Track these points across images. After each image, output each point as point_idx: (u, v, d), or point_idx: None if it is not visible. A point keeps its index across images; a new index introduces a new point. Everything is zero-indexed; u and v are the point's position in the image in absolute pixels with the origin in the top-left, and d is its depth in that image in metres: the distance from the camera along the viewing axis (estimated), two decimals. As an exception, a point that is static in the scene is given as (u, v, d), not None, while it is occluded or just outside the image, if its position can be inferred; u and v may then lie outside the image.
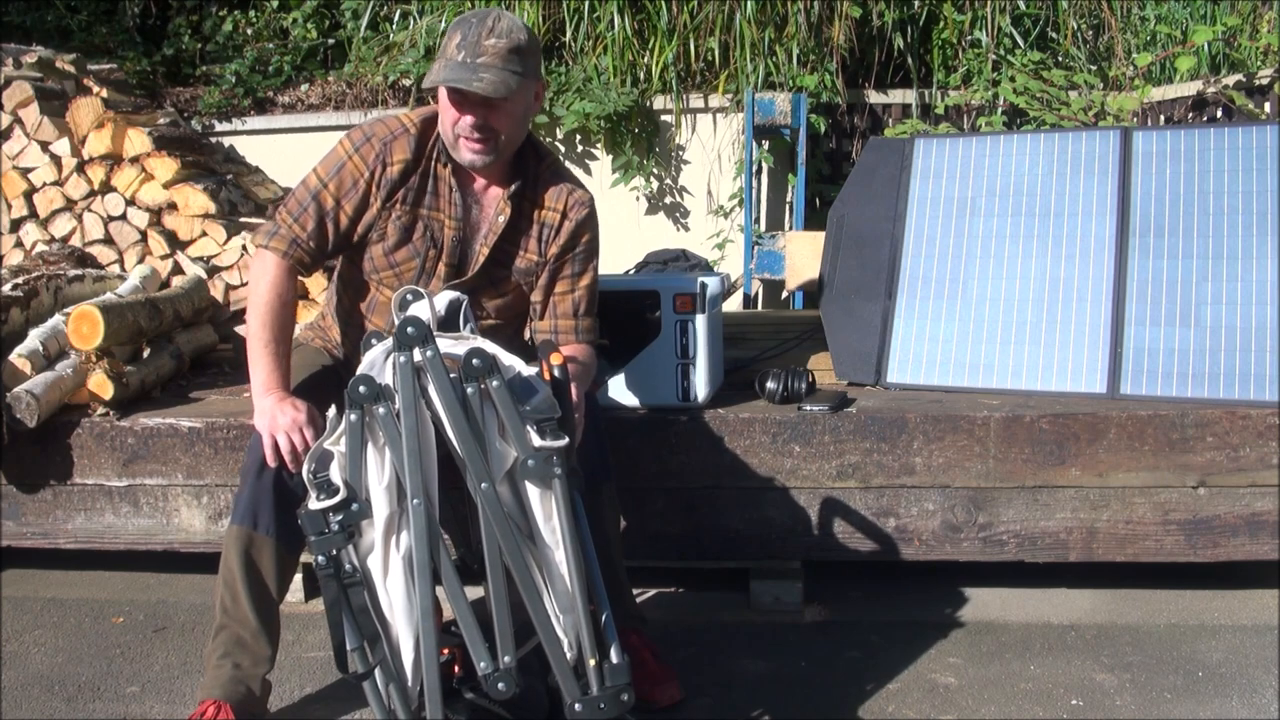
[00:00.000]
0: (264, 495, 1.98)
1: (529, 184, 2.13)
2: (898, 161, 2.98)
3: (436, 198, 2.10)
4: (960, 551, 2.54)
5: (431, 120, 2.08)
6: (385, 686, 1.71)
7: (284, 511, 1.96)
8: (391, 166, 2.06)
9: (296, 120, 4.98)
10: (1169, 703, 2.12)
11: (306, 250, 2.07)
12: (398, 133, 2.07)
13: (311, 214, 2.07)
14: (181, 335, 3.08)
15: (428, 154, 2.08)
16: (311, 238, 2.07)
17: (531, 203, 2.13)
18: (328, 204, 2.08)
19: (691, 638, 2.45)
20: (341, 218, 2.08)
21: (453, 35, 1.94)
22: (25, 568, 2.88)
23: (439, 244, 2.11)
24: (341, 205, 2.08)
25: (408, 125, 2.08)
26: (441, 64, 1.93)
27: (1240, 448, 2.44)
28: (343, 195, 2.07)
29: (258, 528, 1.98)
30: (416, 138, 2.07)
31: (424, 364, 1.65)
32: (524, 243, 2.14)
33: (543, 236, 2.14)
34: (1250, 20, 4.67)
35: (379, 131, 2.08)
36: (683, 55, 4.86)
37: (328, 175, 2.08)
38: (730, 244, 4.82)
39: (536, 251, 2.15)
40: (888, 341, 2.80)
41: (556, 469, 1.66)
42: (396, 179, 2.07)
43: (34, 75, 3.64)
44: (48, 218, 3.56)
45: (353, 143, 2.08)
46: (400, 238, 2.10)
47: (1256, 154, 2.67)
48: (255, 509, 1.98)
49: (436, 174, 2.09)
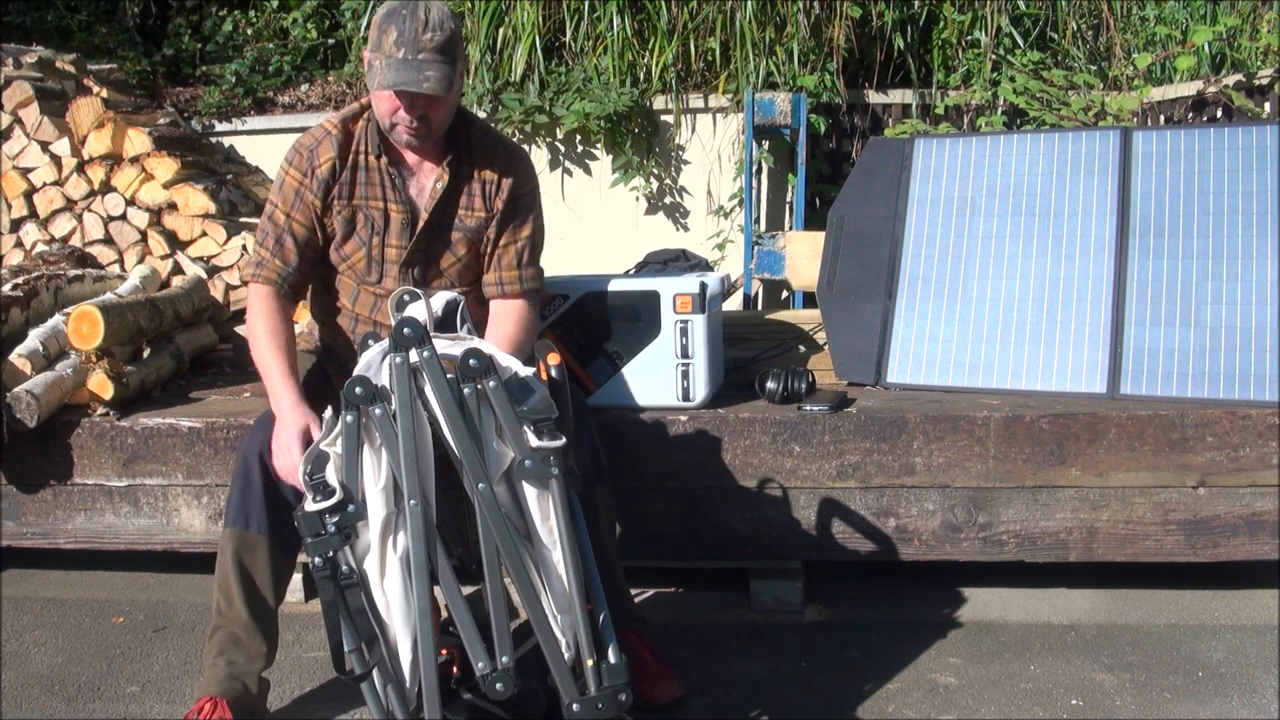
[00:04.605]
0: (255, 496, 2.01)
1: (463, 150, 2.21)
2: (898, 161, 2.98)
3: (370, 187, 2.18)
4: (960, 551, 2.54)
5: (352, 118, 2.19)
6: (383, 687, 1.71)
7: (276, 511, 2.00)
8: (320, 168, 2.16)
9: (296, 120, 4.96)
10: (1169, 703, 2.12)
11: (278, 271, 2.16)
12: (321, 138, 2.18)
13: (272, 234, 2.18)
14: (181, 335, 3.08)
15: (354, 149, 2.18)
16: (277, 255, 2.17)
17: (469, 165, 2.21)
18: (281, 221, 2.18)
19: (691, 638, 2.45)
20: (296, 229, 2.17)
21: (386, 31, 2.00)
22: (25, 568, 2.89)
23: (382, 231, 2.19)
24: (292, 217, 2.17)
25: (329, 129, 2.18)
26: (383, 63, 2.00)
27: (1240, 448, 2.43)
28: (290, 208, 2.17)
29: (250, 528, 2.01)
30: (339, 138, 2.16)
31: (421, 365, 1.65)
32: (469, 202, 2.22)
33: (486, 193, 2.22)
34: (1250, 20, 4.66)
35: (305, 141, 2.19)
36: (683, 55, 4.86)
37: (276, 196, 2.20)
38: (730, 244, 4.81)
39: (483, 208, 2.22)
40: (887, 341, 2.80)
41: (554, 469, 1.66)
42: (327, 176, 2.16)
43: (34, 75, 3.65)
44: (48, 218, 3.56)
45: (286, 160, 2.20)
46: (344, 231, 2.19)
47: (1256, 154, 2.66)
48: (247, 510, 2.02)
49: (368, 165, 2.18)
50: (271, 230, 2.18)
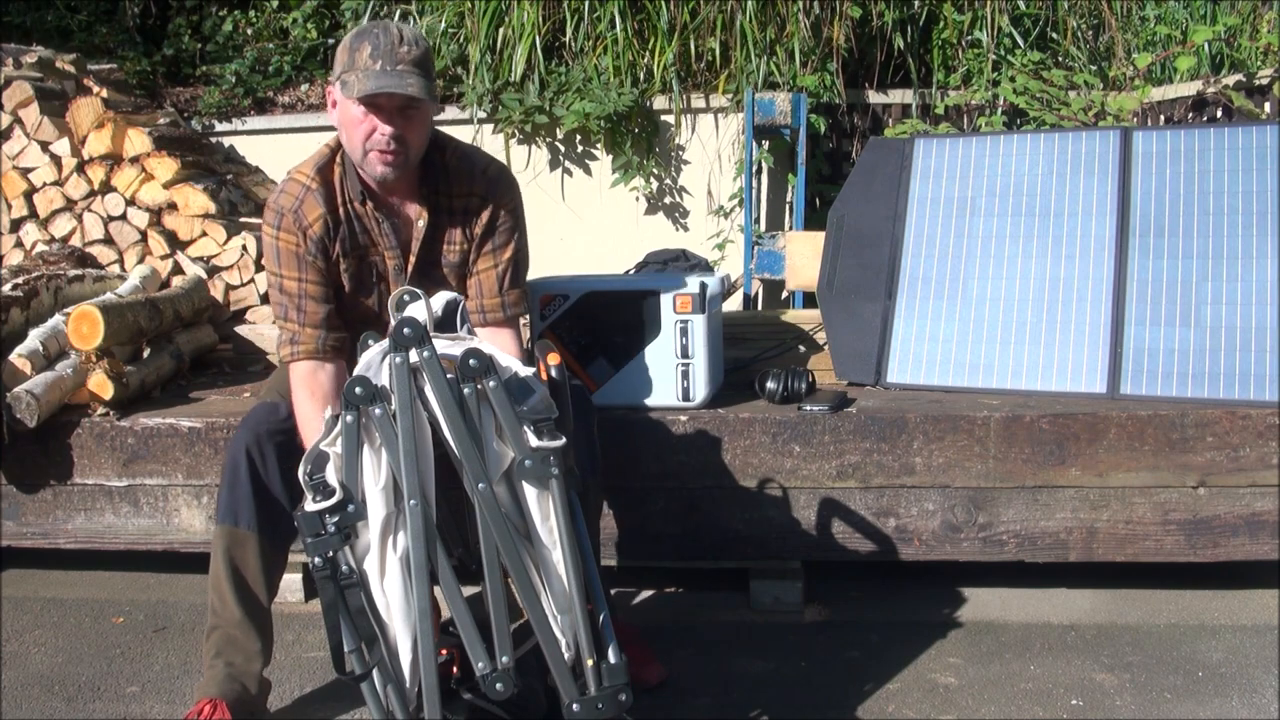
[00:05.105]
0: (243, 492, 2.02)
1: (440, 178, 2.14)
2: (898, 161, 2.98)
3: (368, 234, 2.12)
4: (960, 551, 2.54)
5: (326, 166, 2.10)
6: (383, 687, 1.71)
7: (264, 507, 2.01)
8: (312, 228, 2.07)
9: (296, 120, 4.95)
10: (1169, 703, 2.12)
11: (315, 339, 2.08)
12: (300, 195, 2.08)
13: (291, 304, 2.09)
14: (181, 335, 3.08)
15: (340, 201, 2.10)
16: (306, 324, 2.08)
17: (447, 195, 2.15)
18: (294, 288, 2.09)
19: (691, 638, 2.45)
20: (311, 289, 2.09)
21: (359, 48, 1.93)
22: (25, 568, 2.89)
23: (385, 277, 2.16)
24: (304, 279, 2.09)
25: (306, 183, 2.08)
26: (358, 75, 1.92)
27: (1240, 448, 2.43)
28: (299, 272, 2.09)
29: (239, 524, 2.02)
30: (321, 191, 2.08)
31: (421, 365, 1.65)
32: (451, 236, 2.16)
33: (467, 224, 2.16)
34: (1250, 20, 4.65)
35: (284, 203, 2.08)
36: (682, 55, 4.85)
37: (277, 265, 2.10)
38: (730, 244, 4.81)
39: (463, 239, 2.17)
40: (887, 341, 2.80)
41: (554, 469, 1.66)
42: (321, 235, 2.08)
43: (34, 75, 3.65)
44: (48, 218, 3.56)
45: (272, 225, 2.09)
46: (354, 285, 2.13)
47: (1256, 154, 2.66)
48: (235, 507, 2.02)
49: (357, 214, 2.10)
50: (288, 301, 2.09)
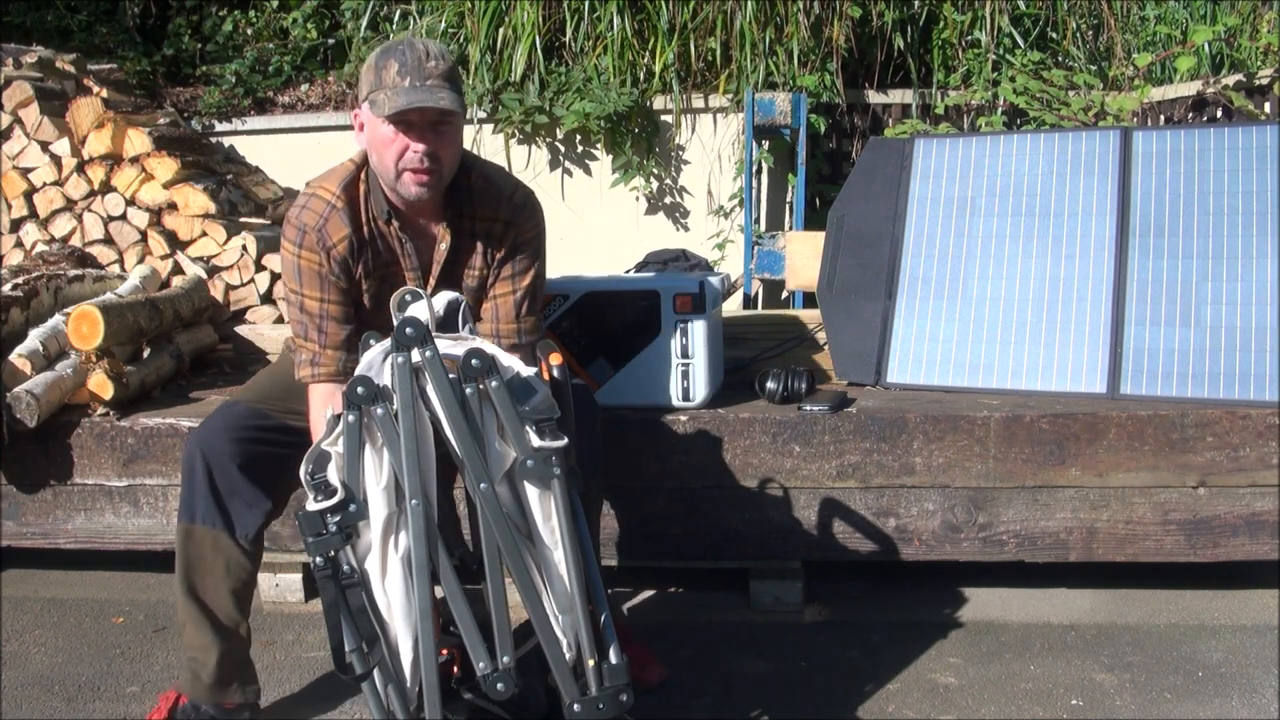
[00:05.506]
0: (199, 490, 2.02)
1: (464, 201, 2.10)
2: (898, 161, 2.98)
3: (393, 253, 2.09)
4: (960, 551, 2.54)
5: (351, 183, 2.05)
6: (384, 687, 1.71)
7: (219, 500, 2.02)
8: (336, 248, 2.03)
9: (296, 120, 4.96)
10: (1169, 703, 2.12)
11: (336, 360, 2.04)
12: (325, 213, 2.03)
13: (312, 325, 2.05)
14: (181, 335, 3.08)
15: (365, 220, 2.06)
16: (327, 345, 2.04)
17: (470, 219, 2.11)
18: (315, 308, 2.05)
19: (691, 638, 2.45)
20: (333, 309, 2.05)
21: (385, 66, 1.90)
22: (25, 568, 2.89)
23: None
24: (326, 299, 2.05)
25: (332, 201, 2.03)
26: (388, 93, 1.89)
27: (1240, 448, 2.43)
28: (323, 292, 2.04)
29: (195, 520, 2.03)
30: (346, 210, 2.03)
31: (423, 365, 1.65)
32: (472, 260, 2.12)
33: (487, 249, 2.12)
34: (1250, 20, 4.66)
35: (308, 220, 2.03)
36: (682, 55, 4.86)
37: (298, 284, 2.05)
38: (730, 244, 4.81)
39: (483, 264, 2.13)
40: (887, 341, 2.80)
41: (555, 469, 1.66)
42: (345, 256, 2.04)
43: (34, 75, 3.65)
44: (48, 218, 3.56)
45: (293, 242, 2.03)
46: (374, 306, 2.09)
47: (1256, 154, 2.67)
48: (192, 504, 2.03)
49: (382, 233, 2.07)
50: (309, 321, 2.04)
